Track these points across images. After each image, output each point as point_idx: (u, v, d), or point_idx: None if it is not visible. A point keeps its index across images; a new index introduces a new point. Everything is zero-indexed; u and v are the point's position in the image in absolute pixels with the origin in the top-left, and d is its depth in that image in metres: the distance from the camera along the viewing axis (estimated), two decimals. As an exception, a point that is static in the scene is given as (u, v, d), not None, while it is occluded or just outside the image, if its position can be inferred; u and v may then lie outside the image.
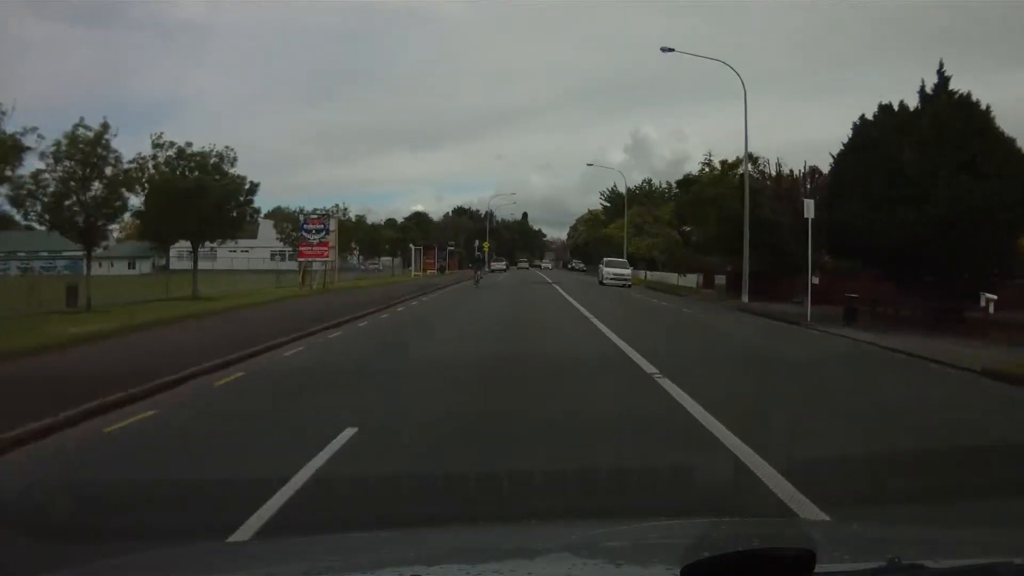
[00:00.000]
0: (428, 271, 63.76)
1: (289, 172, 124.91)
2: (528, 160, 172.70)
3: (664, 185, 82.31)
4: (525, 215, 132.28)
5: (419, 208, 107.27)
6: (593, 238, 79.76)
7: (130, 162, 23.38)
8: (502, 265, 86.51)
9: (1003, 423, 8.76)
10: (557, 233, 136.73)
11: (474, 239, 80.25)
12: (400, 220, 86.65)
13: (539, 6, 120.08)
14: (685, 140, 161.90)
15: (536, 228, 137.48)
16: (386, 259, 68.32)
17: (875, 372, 12.53)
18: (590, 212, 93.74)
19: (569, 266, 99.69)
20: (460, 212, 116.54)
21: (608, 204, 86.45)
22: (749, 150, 30.04)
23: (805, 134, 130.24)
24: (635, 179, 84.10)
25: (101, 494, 5.16)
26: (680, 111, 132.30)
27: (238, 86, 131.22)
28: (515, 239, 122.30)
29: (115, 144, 21.60)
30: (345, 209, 46.00)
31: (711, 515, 3.72)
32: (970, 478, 5.73)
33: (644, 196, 74.74)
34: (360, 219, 51.89)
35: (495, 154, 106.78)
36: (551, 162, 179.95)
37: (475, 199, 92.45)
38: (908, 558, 1.63)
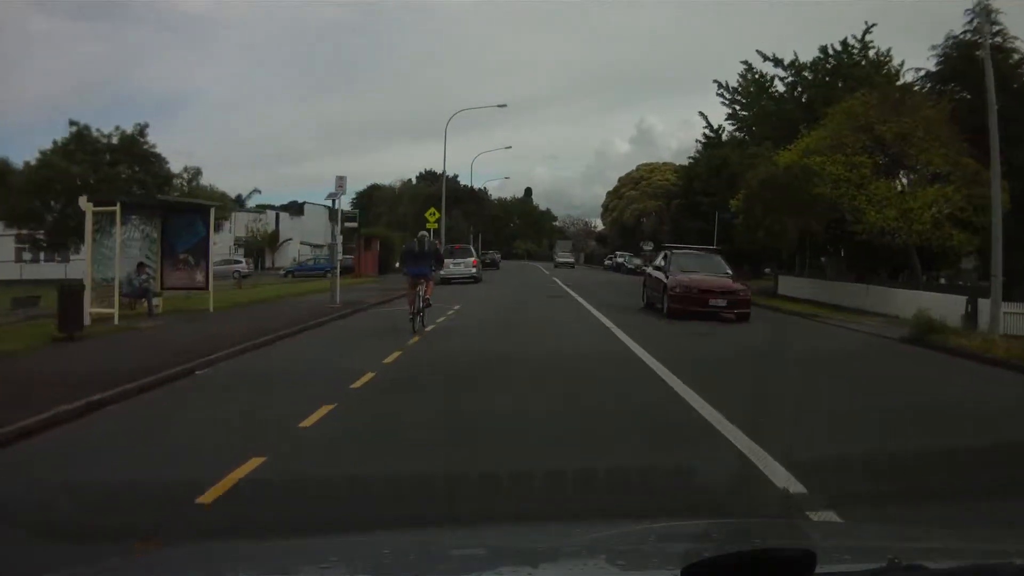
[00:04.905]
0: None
1: (294, 165, 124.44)
2: (534, 151, 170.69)
3: (890, 59, 31.56)
4: (528, 191, 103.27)
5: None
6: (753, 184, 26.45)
7: None
8: (467, 268, 34.72)
9: None
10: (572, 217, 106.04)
11: (446, 214, 42.08)
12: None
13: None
14: (693, 130, 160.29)
15: (544, 208, 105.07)
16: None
17: None
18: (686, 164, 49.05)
19: (613, 260, 55.15)
20: (432, 178, 73.21)
21: (742, 107, 36.32)
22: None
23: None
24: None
25: None
26: (688, 103, 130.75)
27: (241, 79, 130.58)
28: (510, 218, 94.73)
29: None
30: None
31: None
32: None
33: (865, 77, 29.22)
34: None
35: (500, 145, 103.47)
36: (557, 153, 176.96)
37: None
38: (908, 558, 1.64)
